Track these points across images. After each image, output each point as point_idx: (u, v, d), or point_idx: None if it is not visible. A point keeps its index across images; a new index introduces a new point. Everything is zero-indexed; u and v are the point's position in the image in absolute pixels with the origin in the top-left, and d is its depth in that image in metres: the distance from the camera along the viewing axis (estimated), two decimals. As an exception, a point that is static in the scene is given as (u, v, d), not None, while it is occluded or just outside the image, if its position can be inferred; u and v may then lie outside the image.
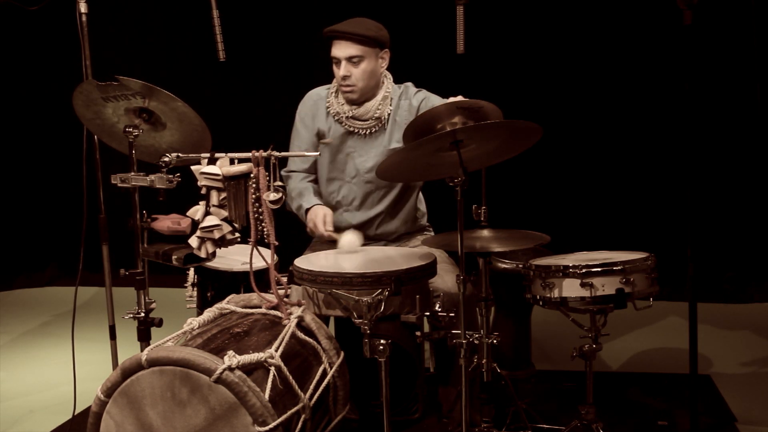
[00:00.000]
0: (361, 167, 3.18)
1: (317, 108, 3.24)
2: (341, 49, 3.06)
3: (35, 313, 5.19)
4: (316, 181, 3.31)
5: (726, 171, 4.63)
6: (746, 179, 4.63)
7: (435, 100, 3.15)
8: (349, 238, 2.89)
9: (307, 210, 3.16)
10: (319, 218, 3.08)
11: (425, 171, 2.61)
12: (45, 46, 5.51)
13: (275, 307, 2.65)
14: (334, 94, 3.21)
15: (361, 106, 3.14)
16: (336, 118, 3.18)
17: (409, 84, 3.25)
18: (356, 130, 3.17)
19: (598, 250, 2.85)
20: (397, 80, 3.28)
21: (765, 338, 4.16)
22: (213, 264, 2.97)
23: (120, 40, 5.26)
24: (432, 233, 3.35)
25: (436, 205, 3.47)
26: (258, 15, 5.10)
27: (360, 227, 3.21)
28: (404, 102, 3.18)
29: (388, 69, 3.21)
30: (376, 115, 3.15)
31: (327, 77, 3.31)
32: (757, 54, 4.30)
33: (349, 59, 3.05)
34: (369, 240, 3.25)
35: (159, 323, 2.74)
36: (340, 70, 3.08)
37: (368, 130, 3.16)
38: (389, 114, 3.16)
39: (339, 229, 3.18)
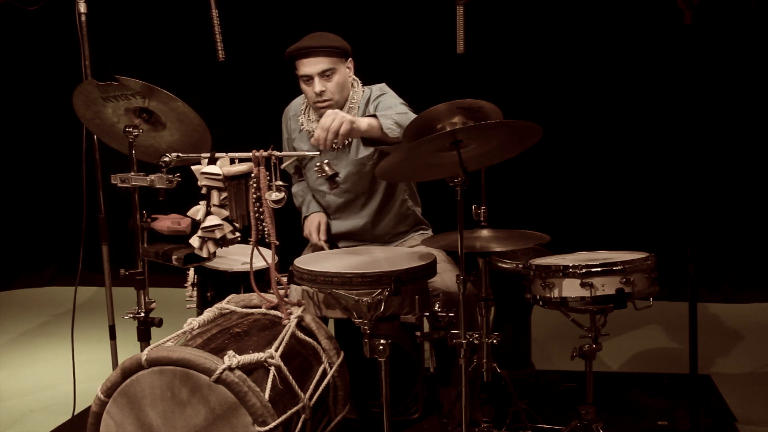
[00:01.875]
0: (337, 179, 3.16)
1: (296, 123, 3.27)
2: (311, 65, 2.99)
3: (35, 313, 5.20)
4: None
5: (726, 171, 4.63)
6: (746, 179, 4.63)
7: (386, 101, 3.10)
8: None
9: (305, 217, 3.31)
10: (314, 226, 3.23)
11: (425, 171, 2.60)
12: (45, 46, 5.51)
13: (275, 307, 2.65)
14: (304, 113, 3.22)
15: None
16: (308, 134, 3.19)
17: (375, 87, 3.19)
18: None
19: (598, 250, 2.85)
20: (399, 81, 3.27)
21: (765, 338, 4.16)
22: (213, 264, 2.97)
23: (120, 40, 5.26)
24: (430, 232, 3.35)
25: (436, 205, 3.47)
26: (258, 15, 5.10)
27: (351, 234, 3.26)
28: (370, 108, 3.13)
29: (387, 68, 3.21)
30: None
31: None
32: (757, 54, 4.30)
33: (322, 73, 2.99)
34: (364, 243, 3.27)
35: (159, 323, 2.74)
36: (315, 86, 3.00)
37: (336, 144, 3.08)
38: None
39: (333, 236, 3.28)
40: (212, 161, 2.64)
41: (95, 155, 3.21)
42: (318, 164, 2.67)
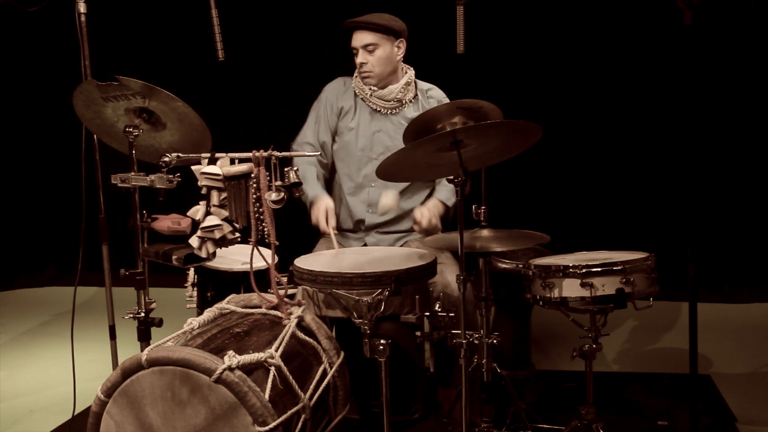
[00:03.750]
0: (389, 144, 3.25)
1: (345, 88, 3.38)
2: (358, 39, 3.23)
3: (35, 313, 5.19)
4: (321, 165, 3.37)
5: (726, 171, 4.63)
6: (746, 179, 4.63)
7: None
8: (388, 202, 3.09)
9: (311, 203, 3.24)
10: (322, 214, 3.19)
11: (425, 171, 2.61)
12: (45, 46, 5.51)
13: (275, 307, 2.65)
14: (358, 78, 3.35)
15: (385, 88, 3.29)
16: (361, 96, 3.32)
17: (438, 90, 3.40)
18: (380, 109, 3.30)
19: (598, 250, 2.85)
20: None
21: (765, 338, 4.16)
22: (213, 264, 2.97)
23: (120, 40, 5.26)
24: (439, 232, 3.36)
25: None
26: (258, 15, 5.10)
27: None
28: (430, 100, 3.33)
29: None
30: (398, 97, 3.29)
31: (327, 76, 3.32)
32: (757, 54, 4.30)
33: (365, 47, 3.22)
34: (395, 218, 3.30)
35: (159, 323, 2.73)
36: (358, 58, 3.24)
37: (390, 111, 3.30)
38: (413, 97, 3.32)
39: (364, 204, 3.27)
40: (212, 161, 2.64)
41: (95, 155, 3.21)
42: (287, 169, 2.62)
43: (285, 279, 2.69)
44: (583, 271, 2.54)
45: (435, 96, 3.35)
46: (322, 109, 3.37)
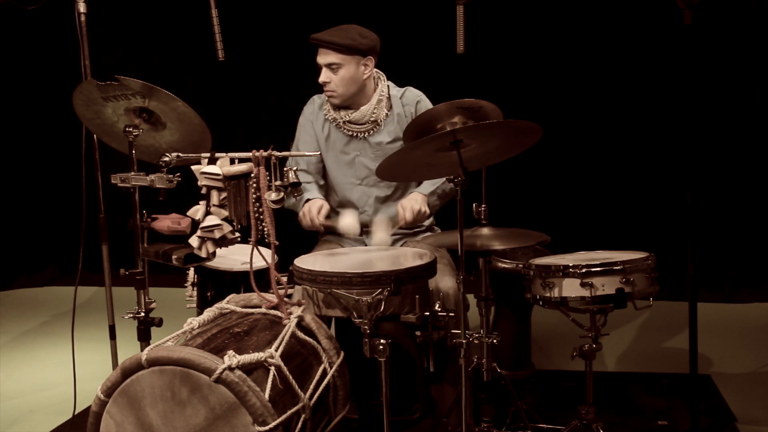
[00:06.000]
0: (372, 167, 3.18)
1: (320, 113, 3.28)
2: (322, 57, 3.13)
3: (35, 313, 5.19)
4: (318, 184, 3.29)
5: (726, 171, 4.63)
6: (746, 179, 4.63)
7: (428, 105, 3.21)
8: (348, 221, 2.95)
9: (307, 200, 3.15)
10: (315, 208, 3.09)
11: (425, 171, 2.61)
12: (44, 46, 5.51)
13: (275, 307, 2.65)
14: (327, 101, 3.26)
15: (357, 111, 3.19)
16: (334, 123, 3.23)
17: (414, 91, 3.28)
18: (355, 134, 3.22)
19: (598, 250, 2.85)
20: (399, 80, 3.29)
21: (765, 338, 4.16)
22: (213, 264, 2.97)
23: (120, 40, 5.26)
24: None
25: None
26: (258, 15, 5.10)
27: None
28: (406, 107, 3.23)
29: (387, 68, 3.25)
30: (372, 119, 3.20)
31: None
32: (757, 54, 4.30)
33: (329, 66, 3.12)
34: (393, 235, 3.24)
35: (159, 323, 2.74)
36: (321, 76, 3.15)
37: (366, 133, 3.22)
38: (386, 115, 3.21)
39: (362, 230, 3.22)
40: (212, 161, 2.64)
41: (95, 155, 3.21)
42: (286, 169, 2.63)
43: (285, 279, 2.69)
44: (583, 270, 2.54)
45: (409, 100, 3.23)
46: (305, 131, 3.30)
